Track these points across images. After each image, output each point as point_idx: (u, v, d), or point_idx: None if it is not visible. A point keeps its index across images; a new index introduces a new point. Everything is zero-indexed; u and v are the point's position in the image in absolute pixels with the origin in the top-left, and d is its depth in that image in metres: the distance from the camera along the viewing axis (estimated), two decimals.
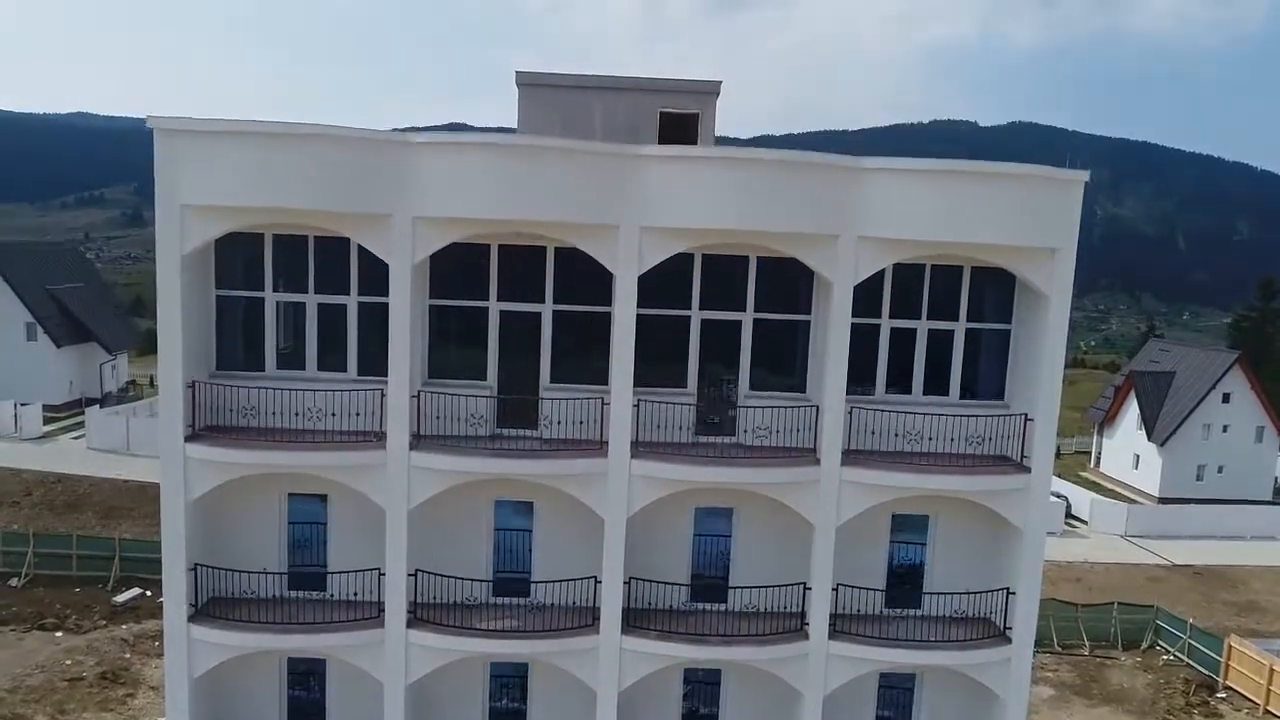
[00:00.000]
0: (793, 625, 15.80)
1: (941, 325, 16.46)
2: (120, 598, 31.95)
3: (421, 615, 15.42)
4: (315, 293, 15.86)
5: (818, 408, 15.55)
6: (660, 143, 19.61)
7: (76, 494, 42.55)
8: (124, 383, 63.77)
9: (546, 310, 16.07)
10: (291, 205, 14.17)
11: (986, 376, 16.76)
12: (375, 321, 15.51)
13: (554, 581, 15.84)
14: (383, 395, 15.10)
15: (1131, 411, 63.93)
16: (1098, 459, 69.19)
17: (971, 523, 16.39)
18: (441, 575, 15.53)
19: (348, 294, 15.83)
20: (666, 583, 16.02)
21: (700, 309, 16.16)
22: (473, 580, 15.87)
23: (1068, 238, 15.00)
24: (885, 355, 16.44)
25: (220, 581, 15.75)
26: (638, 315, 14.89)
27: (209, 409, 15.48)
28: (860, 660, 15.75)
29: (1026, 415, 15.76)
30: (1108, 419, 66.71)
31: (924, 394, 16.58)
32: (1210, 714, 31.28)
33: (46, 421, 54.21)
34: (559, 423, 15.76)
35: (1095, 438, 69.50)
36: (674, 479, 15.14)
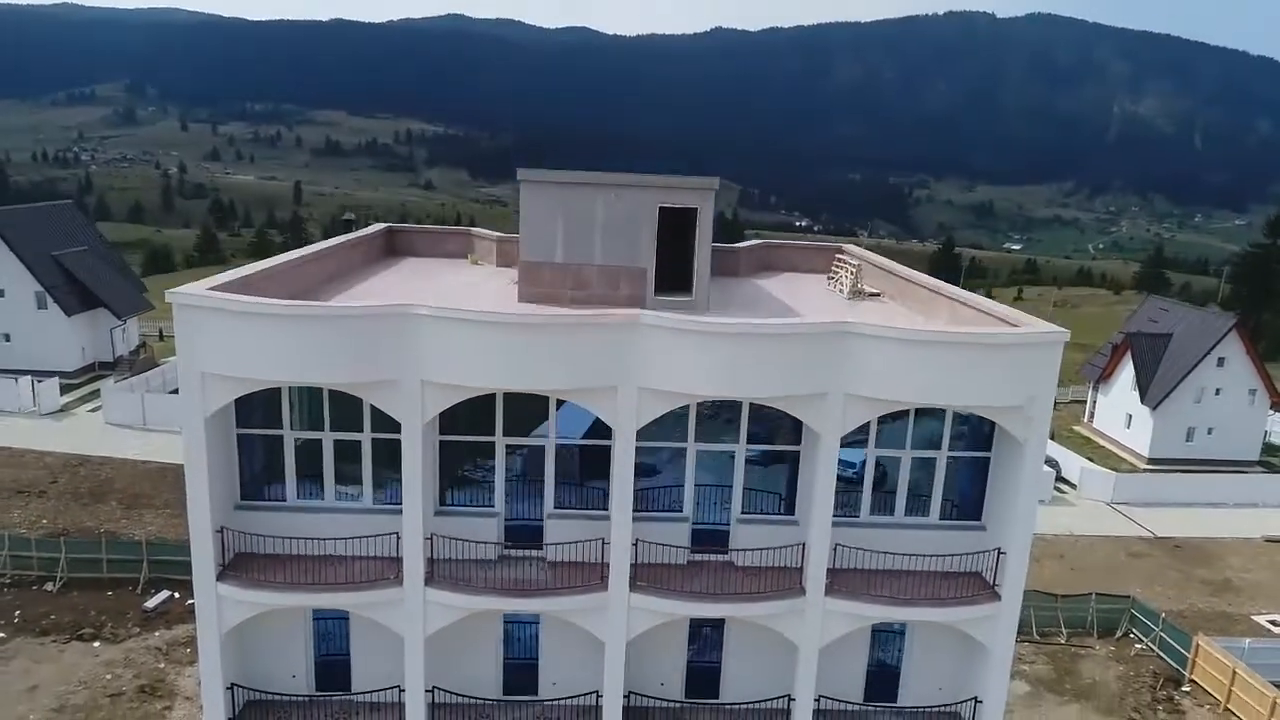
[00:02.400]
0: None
1: (924, 454, 17.37)
2: (150, 603, 33.85)
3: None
4: (331, 430, 16.78)
5: (804, 543, 16.60)
6: (660, 236, 20.26)
7: (99, 480, 44.24)
8: (135, 346, 64.80)
9: (550, 444, 17.01)
10: (304, 379, 14.98)
11: (965, 499, 17.73)
12: (388, 455, 16.46)
13: (560, 699, 17.29)
14: (398, 532, 16.17)
15: (1127, 372, 64.91)
16: (1091, 414, 70.56)
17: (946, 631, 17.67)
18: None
19: (361, 431, 16.74)
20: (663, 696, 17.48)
21: (695, 441, 17.09)
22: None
23: (1046, 390, 15.76)
24: (870, 480, 17.42)
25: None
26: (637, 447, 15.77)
27: (237, 538, 16.60)
28: None
29: (1000, 549, 16.76)
30: (1103, 377, 67.74)
31: (905, 514, 17.65)
32: (1174, 710, 33.45)
33: (63, 390, 55.68)
34: (562, 547, 16.90)
35: (1090, 394, 70.67)
36: (669, 612, 16.37)
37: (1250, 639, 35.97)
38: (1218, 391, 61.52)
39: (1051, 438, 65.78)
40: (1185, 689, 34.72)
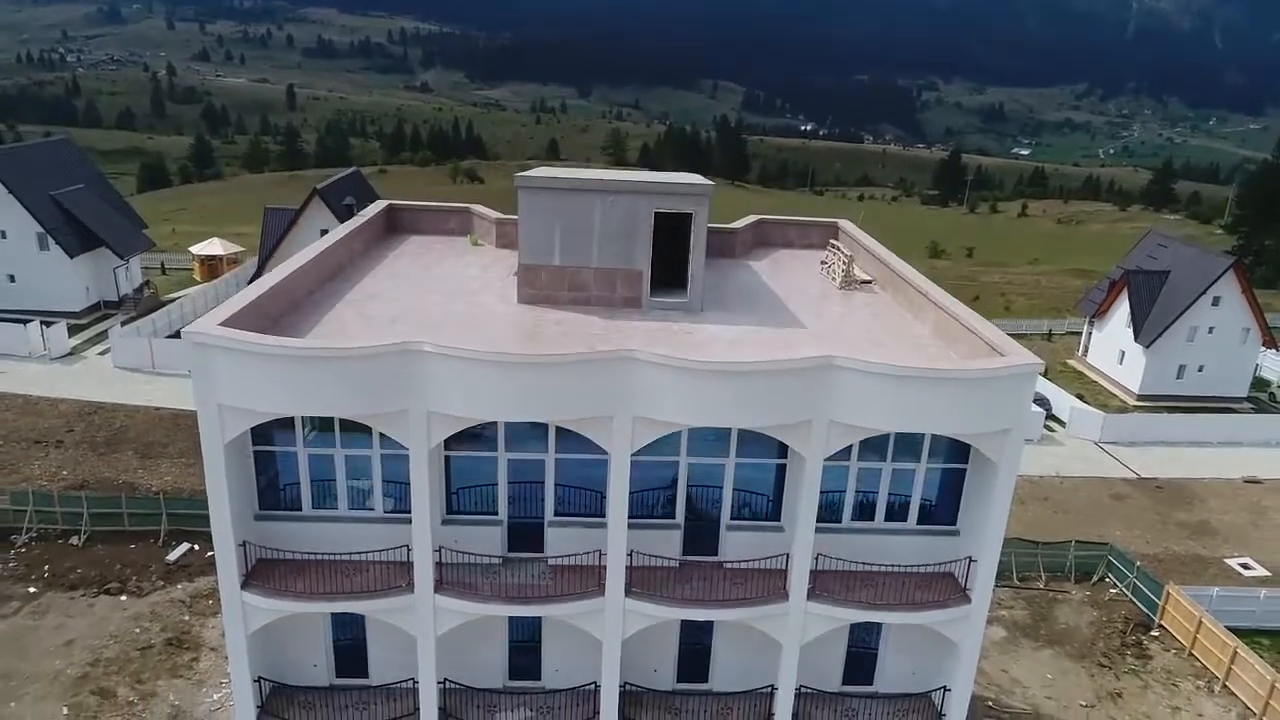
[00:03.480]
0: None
1: (903, 465, 18.33)
2: (172, 556, 35.49)
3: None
4: (341, 447, 17.70)
5: (789, 554, 17.73)
6: (656, 240, 20.74)
7: (114, 428, 45.50)
8: (138, 284, 65.23)
9: (549, 459, 17.95)
10: (314, 412, 15.81)
11: (942, 505, 18.76)
12: (397, 468, 17.43)
13: (561, 689, 18.72)
14: (408, 545, 17.27)
15: (1122, 309, 65.43)
16: (1086, 348, 71.39)
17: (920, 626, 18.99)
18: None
19: (369, 448, 17.66)
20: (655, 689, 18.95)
21: (688, 456, 18.02)
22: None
23: (1019, 418, 16.57)
24: (852, 489, 18.44)
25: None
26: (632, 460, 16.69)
27: (258, 546, 17.73)
28: None
29: (971, 558, 17.88)
30: (1099, 313, 68.29)
31: (885, 520, 18.74)
32: (1141, 655, 35.45)
33: (71, 332, 56.51)
34: (562, 554, 18.07)
35: (1086, 328, 71.35)
36: (662, 616, 17.62)
37: (1218, 588, 37.70)
38: (1210, 330, 62.19)
39: (1045, 374, 66.99)
40: (1154, 634, 36.70)
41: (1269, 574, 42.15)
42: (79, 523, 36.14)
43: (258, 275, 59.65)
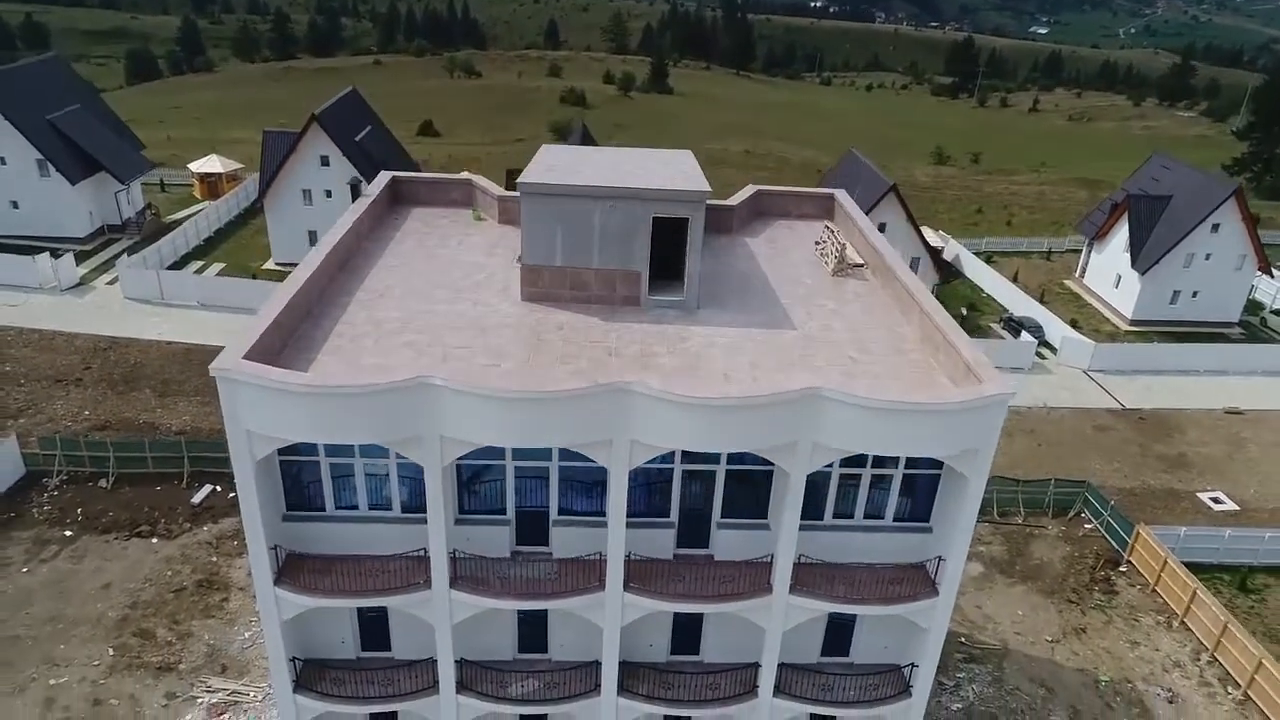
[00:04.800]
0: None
1: (882, 471, 19.70)
2: (196, 498, 37.47)
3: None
4: (360, 457, 19.05)
5: (773, 553, 19.32)
6: (654, 244, 21.51)
7: (129, 364, 46.88)
8: (140, 208, 65.29)
9: (554, 466, 19.32)
10: (334, 440, 17.07)
11: (917, 503, 20.23)
12: (412, 474, 18.85)
13: (567, 662, 20.70)
14: (425, 539, 18.84)
15: (1122, 233, 65.65)
16: (1084, 270, 71.88)
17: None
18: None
19: (386, 456, 19.00)
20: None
21: (681, 463, 19.38)
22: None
23: (990, 441, 17.81)
24: (834, 491, 19.88)
25: None
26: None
27: (288, 541, 19.35)
28: None
29: (940, 557, 19.47)
30: (1099, 235, 68.48)
31: (864, 518, 20.26)
32: (1108, 591, 37.87)
33: (79, 260, 57.18)
34: (565, 545, 19.71)
35: (1085, 250, 71.62)
36: (657, 606, 19.37)
37: (1185, 527, 39.78)
38: (1208, 257, 62.59)
39: (1041, 297, 67.84)
40: (1122, 569, 39.06)
41: (1238, 508, 44.30)
42: (106, 465, 37.97)
43: (260, 199, 59.83)
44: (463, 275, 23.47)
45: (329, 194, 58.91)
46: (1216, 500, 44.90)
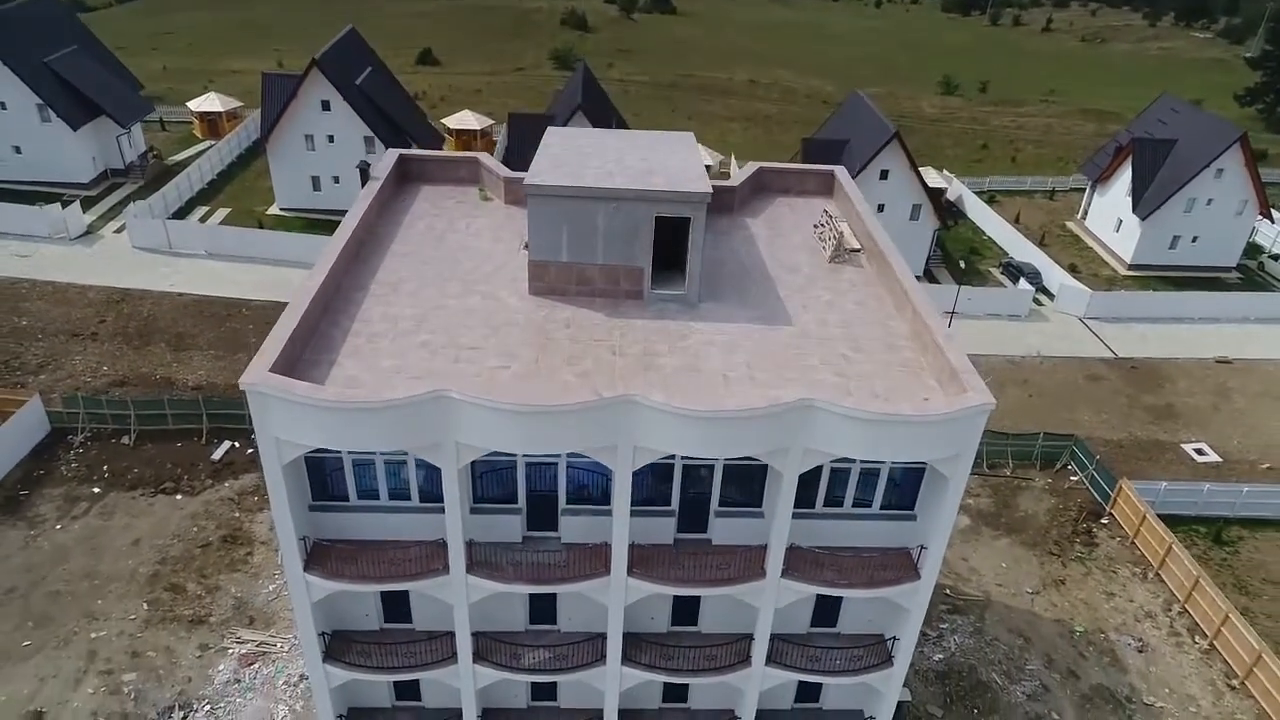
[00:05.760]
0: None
1: (871, 464, 20.94)
2: (215, 454, 39.01)
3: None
4: (380, 453, 20.28)
5: (767, 544, 20.73)
6: (657, 250, 22.32)
7: (143, 317, 47.89)
8: (142, 150, 65.15)
9: (562, 461, 20.57)
10: (358, 448, 18.27)
11: (902, 493, 21.54)
12: (428, 466, 20.13)
13: (574, 634, 22.39)
14: (442, 527, 20.25)
15: (1125, 177, 65.58)
16: (1086, 211, 71.97)
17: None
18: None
19: (405, 455, 20.23)
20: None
21: (682, 458, 20.60)
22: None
23: (970, 446, 18.99)
24: (825, 482, 21.18)
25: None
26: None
27: (314, 530, 20.79)
28: None
29: (923, 545, 20.88)
30: (1102, 178, 68.38)
31: (853, 506, 21.61)
32: (1089, 543, 39.70)
33: (85, 207, 57.55)
34: (572, 532, 21.16)
35: (1088, 192, 71.56)
36: (658, 590, 20.90)
37: (1166, 482, 41.36)
38: (1209, 202, 62.73)
39: (1041, 240, 68.20)
40: (1104, 522, 40.83)
41: (1220, 460, 45.90)
42: (127, 423, 39.40)
43: (263, 142, 59.78)
44: (472, 265, 24.28)
45: (331, 139, 58.85)
46: (1200, 452, 46.43)
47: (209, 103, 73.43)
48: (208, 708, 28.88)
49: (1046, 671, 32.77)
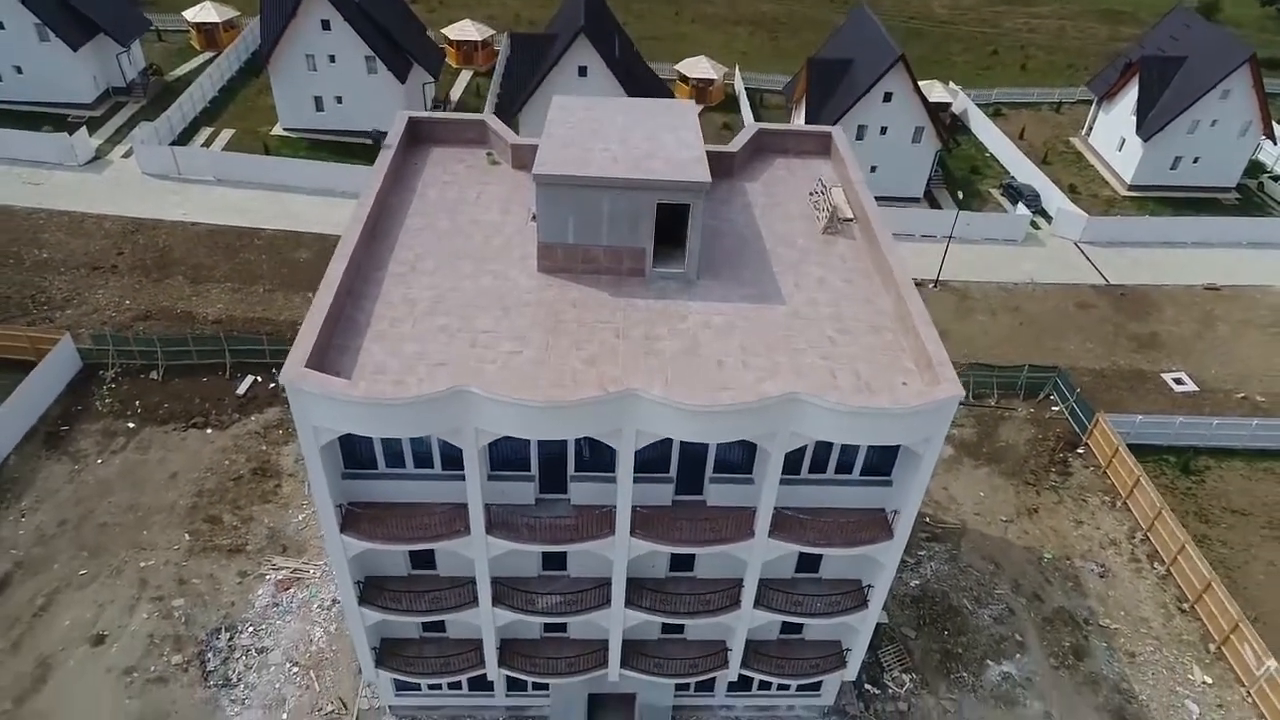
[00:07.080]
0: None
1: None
2: (240, 388, 41.14)
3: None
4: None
5: (755, 509, 23.00)
6: (658, 229, 23.70)
7: (159, 248, 49.18)
8: (143, 68, 64.60)
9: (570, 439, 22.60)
10: (388, 434, 20.29)
11: (880, 461, 23.64)
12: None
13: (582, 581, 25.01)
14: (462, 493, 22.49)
15: (1131, 95, 65.15)
16: (1090, 128, 71.66)
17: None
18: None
19: (429, 434, 22.23)
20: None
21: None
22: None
23: (941, 430, 20.95)
24: (810, 453, 23.26)
25: None
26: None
27: (347, 495, 23.07)
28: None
29: (896, 510, 23.14)
30: (1109, 95, 67.85)
31: (835, 472, 23.77)
32: (1064, 472, 42.24)
33: (91, 129, 57.83)
34: (580, 494, 23.44)
35: (1094, 109, 71.04)
36: (658, 548, 23.32)
37: (1141, 415, 43.53)
38: (1213, 124, 62.60)
39: (1045, 158, 68.35)
40: (1079, 452, 43.26)
41: (1197, 389, 47.98)
42: (154, 358, 41.38)
43: (265, 60, 59.40)
44: (483, 239, 25.66)
45: (332, 59, 58.48)
46: (1179, 381, 48.44)
47: (205, 13, 72.14)
48: (251, 629, 31.99)
49: (1013, 596, 35.80)
